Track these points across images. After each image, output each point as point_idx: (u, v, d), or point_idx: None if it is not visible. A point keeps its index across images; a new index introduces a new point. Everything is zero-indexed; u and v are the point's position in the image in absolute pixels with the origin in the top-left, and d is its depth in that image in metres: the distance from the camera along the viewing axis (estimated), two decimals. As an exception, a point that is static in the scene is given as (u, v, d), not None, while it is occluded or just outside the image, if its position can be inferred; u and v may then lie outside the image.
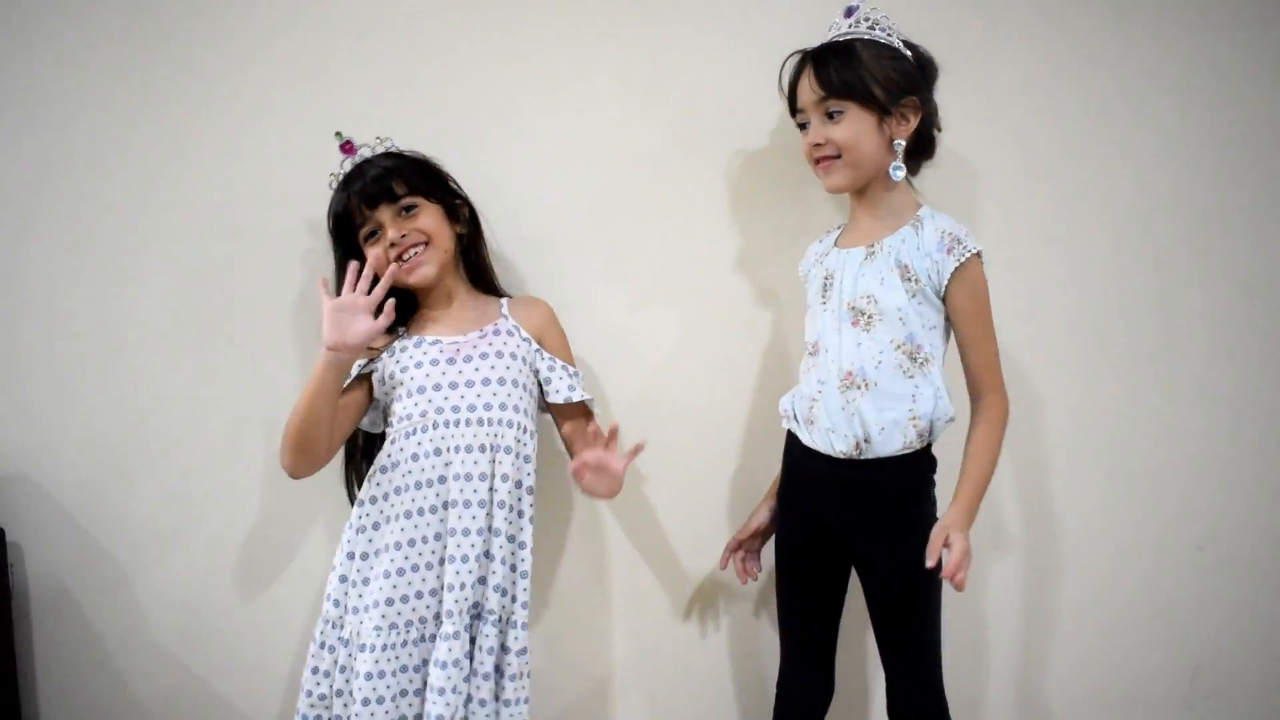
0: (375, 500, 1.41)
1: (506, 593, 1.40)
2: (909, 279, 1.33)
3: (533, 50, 1.61)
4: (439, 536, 1.38)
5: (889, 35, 1.36)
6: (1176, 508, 1.74)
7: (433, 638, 1.38)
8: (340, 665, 1.39)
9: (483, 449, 1.39)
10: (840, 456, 1.37)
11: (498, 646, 1.39)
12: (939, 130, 1.44)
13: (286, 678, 1.66)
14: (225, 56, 1.57)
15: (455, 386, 1.40)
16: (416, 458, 1.39)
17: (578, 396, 1.46)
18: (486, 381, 1.41)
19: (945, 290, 1.33)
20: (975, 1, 1.65)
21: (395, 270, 1.38)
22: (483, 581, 1.39)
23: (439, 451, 1.38)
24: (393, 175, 1.42)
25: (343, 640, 1.39)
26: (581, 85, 1.62)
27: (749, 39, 1.61)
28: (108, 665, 1.63)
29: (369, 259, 1.40)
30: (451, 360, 1.41)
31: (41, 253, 1.58)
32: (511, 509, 1.40)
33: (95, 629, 1.63)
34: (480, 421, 1.39)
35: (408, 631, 1.38)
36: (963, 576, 1.25)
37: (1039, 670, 1.75)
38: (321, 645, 1.40)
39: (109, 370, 1.60)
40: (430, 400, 1.40)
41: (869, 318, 1.35)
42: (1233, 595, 1.76)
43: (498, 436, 1.39)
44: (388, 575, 1.37)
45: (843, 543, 1.41)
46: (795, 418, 1.45)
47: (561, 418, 1.51)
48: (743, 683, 1.73)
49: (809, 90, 1.37)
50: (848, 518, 1.39)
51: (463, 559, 1.37)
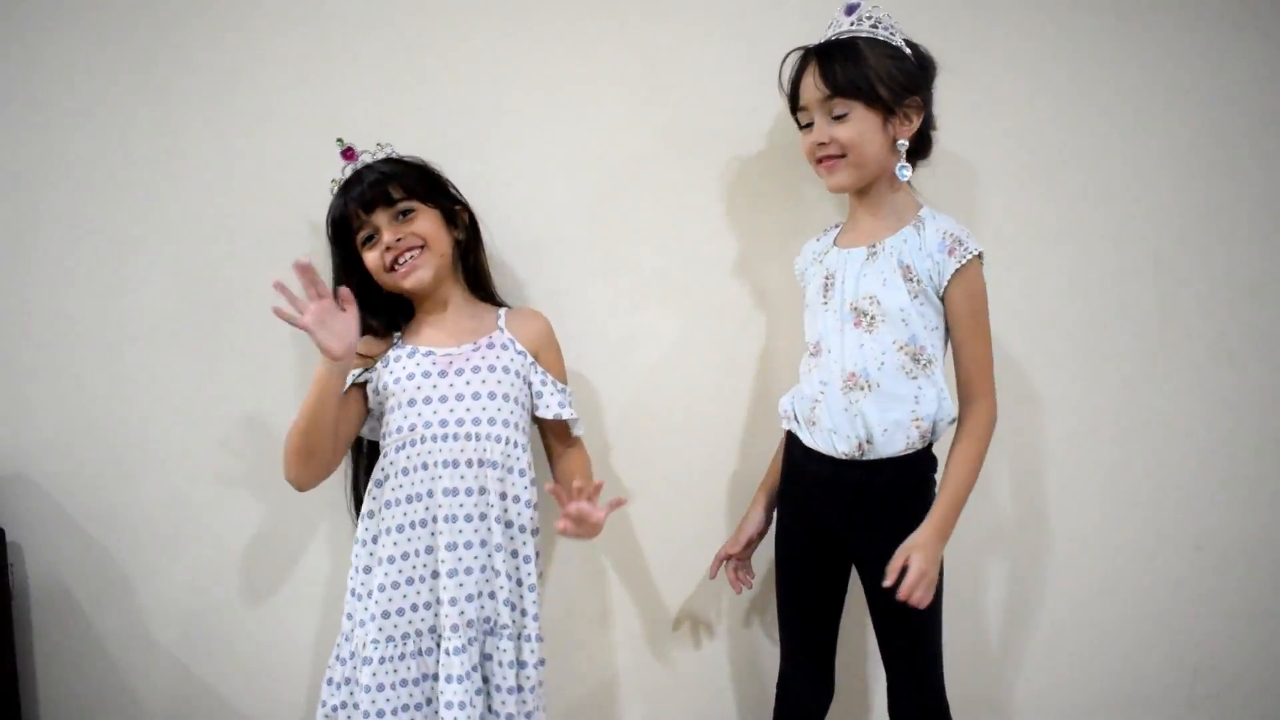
0: (373, 514, 1.41)
1: (515, 606, 1.40)
2: (911, 279, 1.33)
3: (530, 52, 1.61)
4: (430, 550, 1.38)
5: (891, 34, 1.35)
6: (1176, 508, 1.74)
7: (429, 651, 1.38)
8: (347, 678, 1.40)
9: (469, 464, 1.38)
10: (842, 457, 1.37)
11: (515, 661, 1.39)
12: (934, 130, 1.43)
13: (286, 678, 1.66)
14: (225, 57, 1.57)
15: (445, 400, 1.39)
16: (406, 471, 1.39)
17: (566, 414, 1.46)
18: (477, 396, 1.40)
19: (944, 291, 1.33)
20: (975, 1, 1.65)
21: (305, 262, 1.29)
22: (492, 596, 1.39)
23: (425, 466, 1.38)
24: (390, 180, 1.41)
25: (352, 654, 1.40)
26: (578, 86, 1.62)
27: (746, 39, 1.61)
28: (108, 665, 1.64)
29: (366, 263, 1.41)
30: (443, 373, 1.41)
31: (42, 253, 1.58)
32: (507, 523, 1.40)
33: (95, 629, 1.63)
34: (468, 436, 1.38)
35: (405, 644, 1.38)
36: (920, 597, 1.26)
37: (1039, 670, 1.75)
38: (337, 658, 1.42)
39: (109, 370, 1.60)
40: (420, 414, 1.39)
41: (871, 318, 1.34)
42: (1233, 595, 1.76)
43: (485, 451, 1.38)
44: (383, 589, 1.37)
45: (843, 543, 1.41)
46: (796, 418, 1.44)
47: (547, 431, 1.52)
48: (743, 684, 1.73)
49: (814, 88, 1.35)
50: (849, 518, 1.39)
51: (452, 573, 1.37)
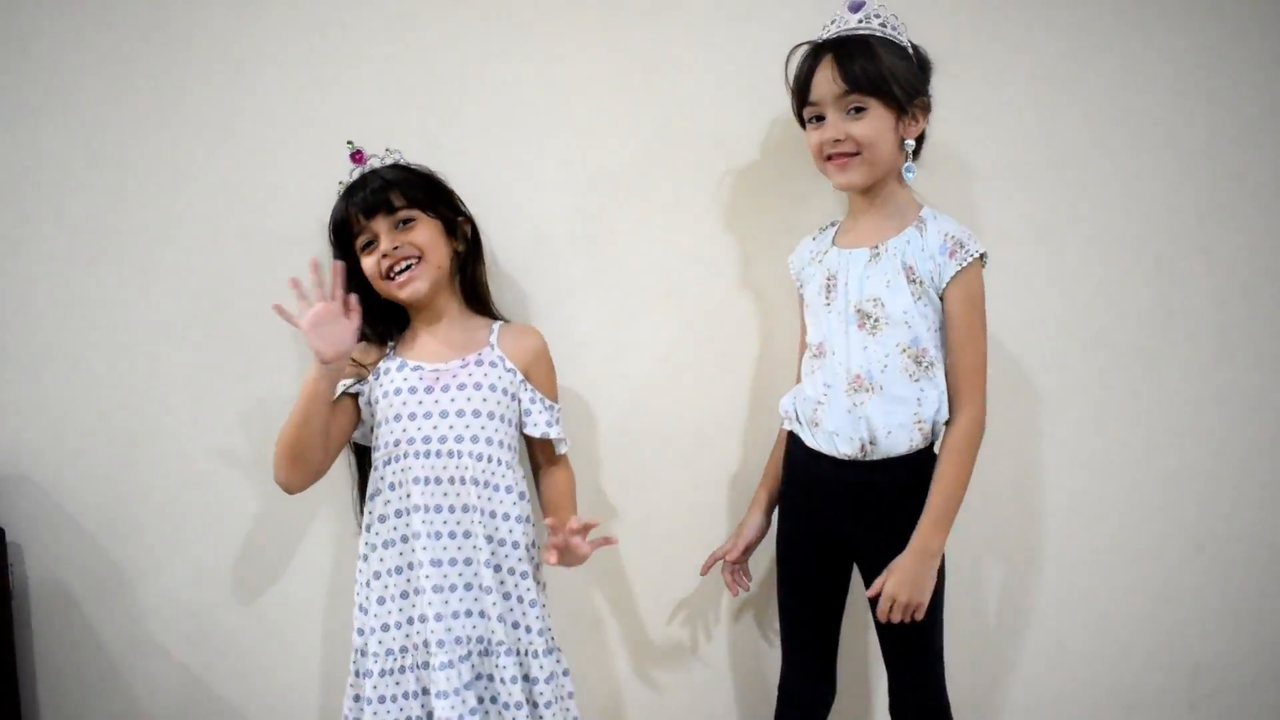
0: (369, 528, 1.42)
1: (519, 624, 1.40)
2: (914, 281, 1.32)
3: (527, 54, 1.61)
4: (412, 566, 1.38)
5: (898, 34, 1.34)
6: (1177, 508, 1.74)
7: (425, 665, 1.38)
8: (356, 695, 1.41)
9: (450, 481, 1.38)
10: (844, 458, 1.37)
11: (519, 677, 1.38)
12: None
13: (286, 677, 1.66)
14: (231, 61, 1.57)
15: (429, 417, 1.39)
16: (394, 487, 1.40)
17: (554, 434, 1.46)
18: (461, 413, 1.39)
19: (943, 291, 1.33)
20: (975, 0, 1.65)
21: (340, 266, 1.35)
22: (483, 615, 1.39)
23: (409, 482, 1.38)
24: (393, 188, 1.41)
25: (358, 671, 1.42)
26: (575, 89, 1.62)
27: (740, 43, 1.61)
28: (107, 665, 1.64)
29: (364, 268, 1.42)
30: (429, 389, 1.40)
31: (43, 254, 1.58)
32: (496, 540, 1.39)
33: (95, 629, 1.63)
34: (450, 453, 1.38)
35: (404, 658, 1.39)
36: (899, 618, 1.30)
37: (1039, 670, 1.75)
38: (355, 672, 1.42)
39: (110, 370, 1.60)
40: (404, 430, 1.39)
41: (875, 321, 1.34)
42: (1233, 595, 1.76)
43: (466, 468, 1.38)
44: (382, 601, 1.39)
45: (845, 543, 1.41)
46: (798, 419, 1.44)
47: (534, 447, 1.52)
48: (744, 686, 1.73)
49: (830, 83, 1.32)
50: (850, 518, 1.39)
51: (436, 589, 1.36)
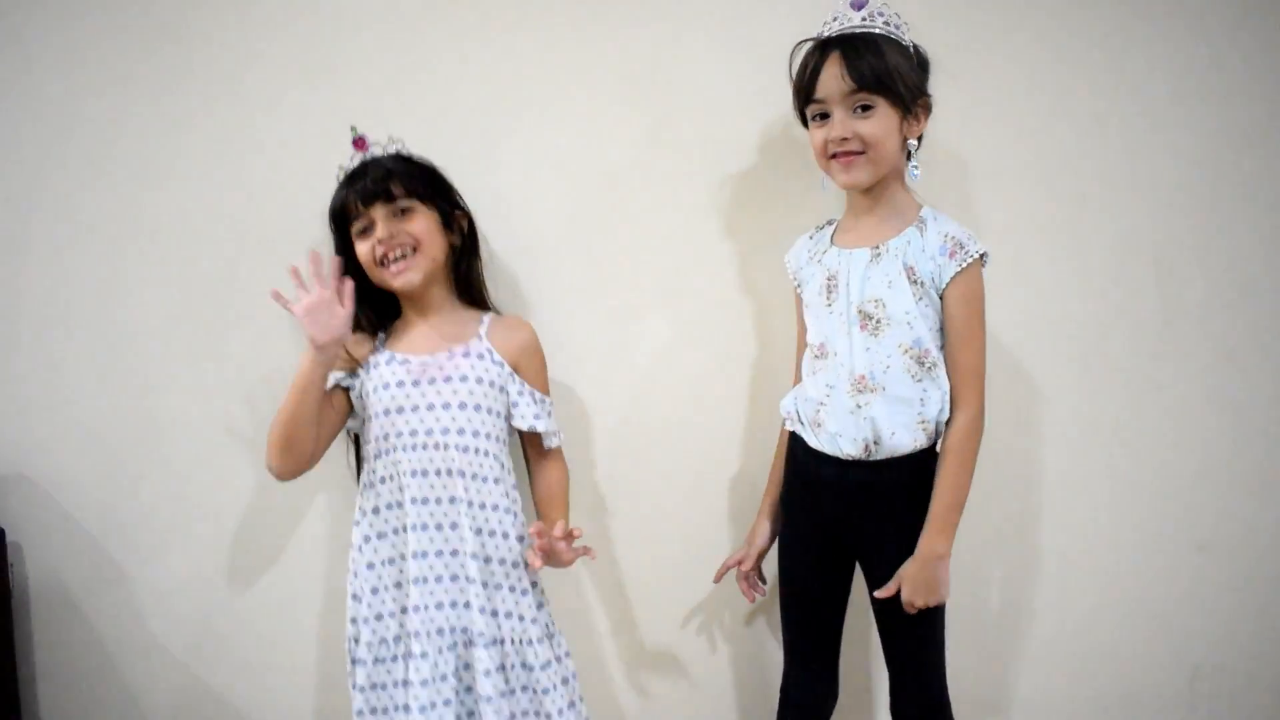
0: (359, 522, 1.43)
1: (511, 614, 1.40)
2: (915, 281, 1.32)
3: (523, 51, 1.60)
4: (405, 558, 1.40)
5: (901, 33, 1.34)
6: (1178, 509, 1.74)
7: (407, 655, 1.39)
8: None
9: (437, 473, 1.39)
10: (847, 458, 1.37)
11: (497, 668, 1.38)
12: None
13: (287, 677, 1.66)
14: (226, 55, 1.57)
15: (416, 410, 1.39)
16: (384, 480, 1.41)
17: (541, 427, 1.45)
18: (447, 406, 1.39)
19: (942, 292, 1.33)
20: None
21: (338, 261, 1.37)
22: (467, 605, 1.39)
23: (397, 475, 1.39)
24: (393, 177, 1.41)
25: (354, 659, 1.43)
26: (569, 91, 1.61)
27: (738, 43, 1.60)
28: (108, 665, 1.64)
29: (358, 254, 1.42)
30: (416, 382, 1.40)
31: (41, 252, 1.58)
32: (485, 532, 1.40)
33: (95, 629, 1.63)
34: (437, 446, 1.39)
35: (396, 646, 1.40)
36: (921, 605, 1.32)
37: (1039, 670, 1.75)
38: (350, 661, 1.43)
39: (109, 370, 1.60)
40: (393, 423, 1.40)
41: (877, 322, 1.34)
42: (1233, 596, 1.76)
43: (453, 461, 1.39)
44: (375, 591, 1.40)
45: (847, 543, 1.41)
46: (800, 419, 1.44)
47: (525, 441, 1.52)
48: (746, 687, 1.73)
49: (838, 80, 1.30)
50: (853, 517, 1.38)
51: (417, 581, 1.38)
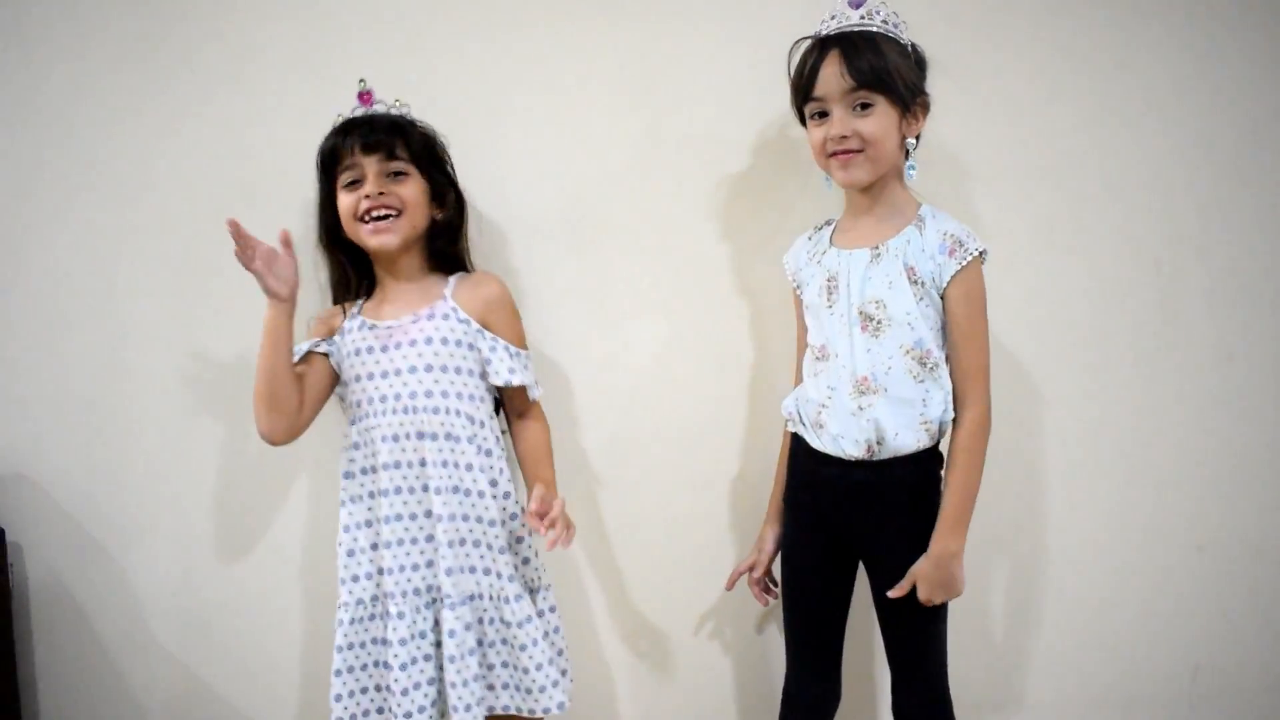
0: (342, 486, 1.44)
1: (489, 571, 1.41)
2: (915, 281, 1.32)
3: (520, 49, 1.60)
4: (369, 524, 1.42)
5: (899, 32, 1.34)
6: (1178, 508, 1.74)
7: (384, 615, 1.42)
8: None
9: (408, 437, 1.40)
10: (850, 459, 1.36)
11: (463, 627, 1.39)
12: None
13: (288, 676, 1.66)
14: (222, 49, 1.57)
15: (386, 375, 1.40)
16: (358, 446, 1.43)
17: (517, 380, 1.42)
18: (414, 369, 1.40)
19: (943, 291, 1.33)
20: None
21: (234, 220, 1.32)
22: (430, 565, 1.41)
23: (371, 441, 1.41)
24: (399, 135, 1.41)
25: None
26: (563, 92, 1.61)
27: (736, 41, 1.61)
28: (108, 665, 1.63)
29: (340, 205, 1.41)
30: (385, 348, 1.41)
31: (40, 250, 1.58)
32: (455, 490, 1.40)
33: (95, 629, 1.63)
34: (406, 410, 1.39)
35: (373, 606, 1.42)
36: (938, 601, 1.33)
37: (1039, 670, 1.75)
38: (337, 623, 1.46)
39: (109, 369, 1.60)
40: (364, 390, 1.42)
41: (878, 323, 1.34)
42: (1233, 595, 1.76)
43: (424, 424, 1.39)
44: (351, 554, 1.42)
45: (851, 543, 1.41)
46: (801, 421, 1.44)
47: (507, 397, 1.49)
48: (746, 691, 1.73)
49: (837, 78, 1.30)
50: (857, 517, 1.38)
51: (388, 544, 1.40)
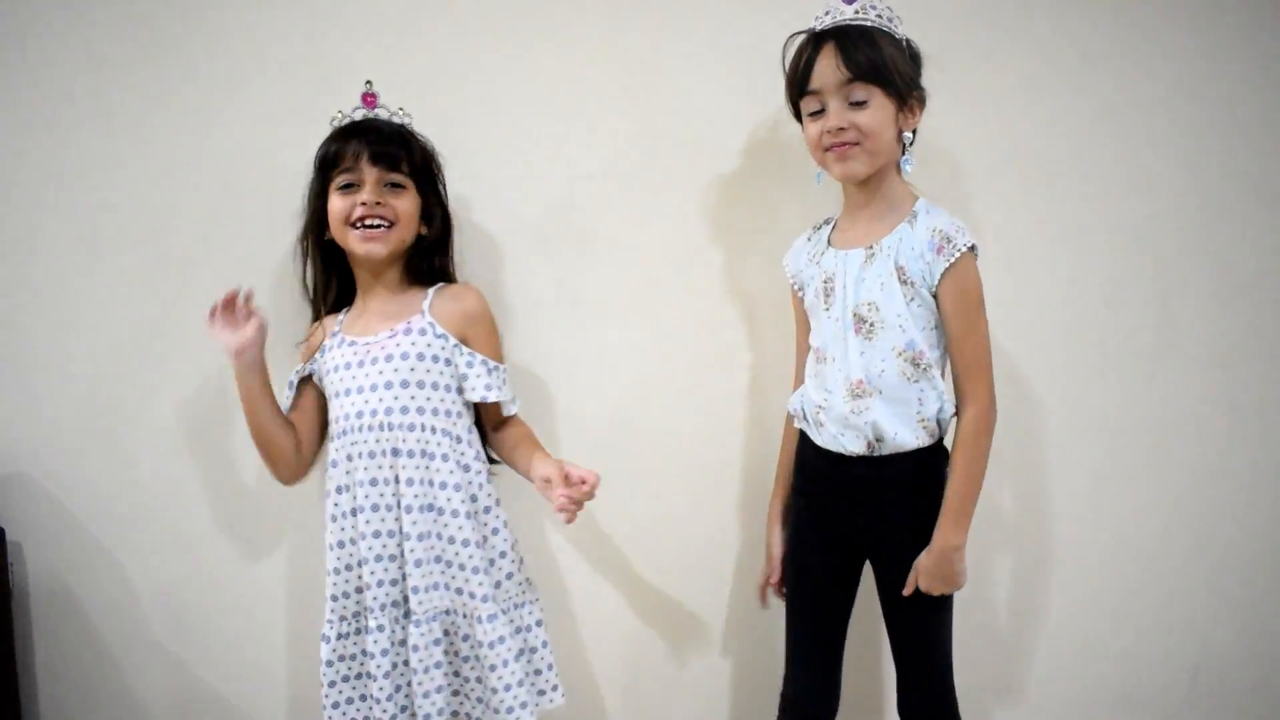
0: (326, 500, 1.44)
1: (462, 591, 1.39)
2: (905, 282, 1.32)
3: (511, 57, 1.60)
4: (353, 540, 1.41)
5: (894, 27, 1.34)
6: (1176, 508, 1.74)
7: (366, 629, 1.42)
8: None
9: (385, 454, 1.39)
10: (852, 455, 1.37)
11: (431, 643, 1.39)
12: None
13: (288, 677, 1.66)
14: (223, 52, 1.57)
15: (361, 391, 1.40)
16: (336, 464, 1.42)
17: (494, 397, 1.41)
18: (389, 385, 1.39)
19: (935, 289, 1.32)
20: None
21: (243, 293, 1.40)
22: (395, 582, 1.40)
23: (350, 458, 1.40)
24: (408, 150, 1.42)
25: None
26: (563, 90, 1.61)
27: (731, 43, 1.60)
28: (108, 663, 1.64)
29: (331, 207, 1.41)
30: (361, 363, 1.41)
31: (41, 251, 1.58)
32: (428, 509, 1.39)
33: (95, 627, 1.63)
34: (382, 426, 1.38)
35: (356, 622, 1.43)
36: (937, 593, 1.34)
37: (1039, 670, 1.75)
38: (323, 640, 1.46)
39: (110, 369, 1.60)
40: (341, 406, 1.41)
41: (871, 325, 1.34)
42: (1233, 595, 1.76)
43: (400, 441, 1.38)
44: (336, 571, 1.42)
45: (856, 539, 1.41)
46: (805, 418, 1.44)
47: (483, 412, 1.48)
48: (746, 693, 1.73)
49: (833, 71, 1.30)
50: (862, 513, 1.39)
51: (363, 561, 1.39)
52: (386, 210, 1.40)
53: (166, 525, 1.63)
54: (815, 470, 1.43)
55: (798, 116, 1.40)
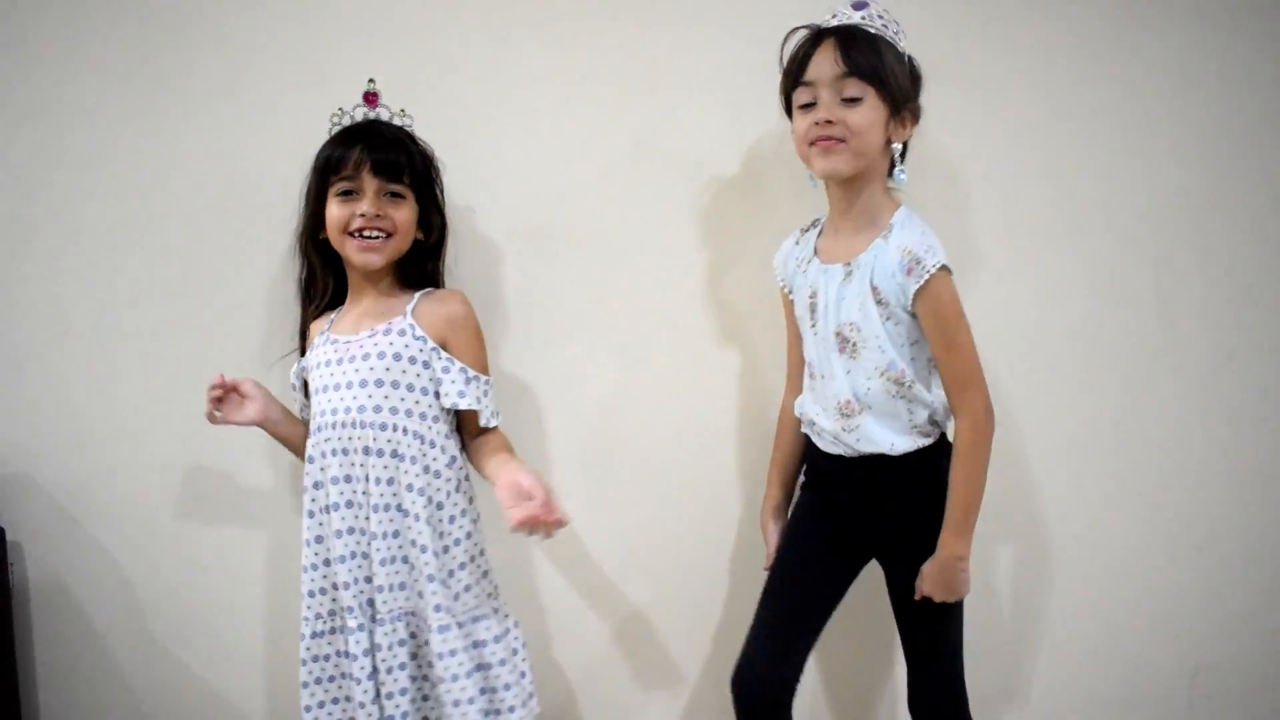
0: (304, 495, 1.43)
1: (423, 595, 1.37)
2: (880, 302, 1.31)
3: (500, 56, 1.60)
4: (326, 537, 1.40)
5: (898, 38, 1.34)
6: (1177, 509, 1.74)
7: (345, 629, 1.41)
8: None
9: (356, 451, 1.38)
10: (853, 457, 1.37)
11: (397, 643, 1.38)
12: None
13: (288, 677, 1.66)
14: (218, 52, 1.57)
15: (338, 388, 1.39)
16: (313, 459, 1.41)
17: (465, 404, 1.39)
18: (364, 384, 1.38)
19: (911, 308, 1.31)
20: (974, -1, 1.65)
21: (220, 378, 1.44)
22: (368, 581, 1.39)
23: (324, 454, 1.40)
24: (411, 160, 1.42)
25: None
26: (556, 92, 1.61)
27: (725, 50, 1.60)
28: (107, 663, 1.64)
29: (330, 213, 1.41)
30: (340, 361, 1.40)
31: (40, 252, 1.59)
32: (394, 509, 1.38)
33: (95, 627, 1.63)
34: (354, 424, 1.37)
35: (331, 620, 1.42)
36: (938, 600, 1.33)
37: (1039, 670, 1.75)
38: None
39: (109, 369, 1.60)
40: (318, 402, 1.41)
41: (854, 345, 1.34)
42: (1233, 596, 1.76)
43: (371, 439, 1.37)
44: (314, 567, 1.42)
45: (866, 539, 1.41)
46: (806, 422, 1.45)
47: (463, 423, 1.45)
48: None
49: (831, 64, 1.30)
50: (864, 511, 1.39)
51: (340, 559, 1.38)
52: (385, 222, 1.40)
53: (167, 525, 1.63)
54: (822, 469, 1.44)
55: (789, 111, 1.39)
